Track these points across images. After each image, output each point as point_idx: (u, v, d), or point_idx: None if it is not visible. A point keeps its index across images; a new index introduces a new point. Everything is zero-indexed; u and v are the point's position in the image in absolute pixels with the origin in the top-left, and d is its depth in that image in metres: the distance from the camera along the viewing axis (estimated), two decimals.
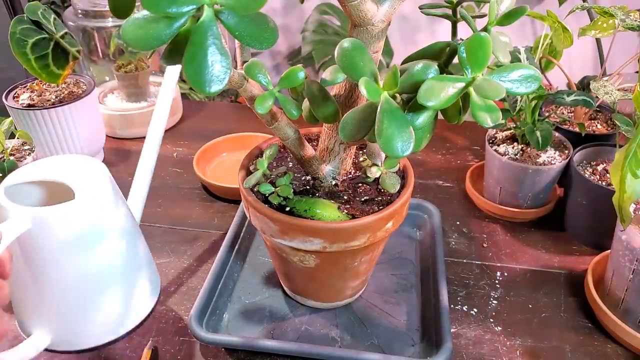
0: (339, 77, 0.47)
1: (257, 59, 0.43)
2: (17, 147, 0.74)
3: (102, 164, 0.48)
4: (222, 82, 0.31)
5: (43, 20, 0.73)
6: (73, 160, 0.47)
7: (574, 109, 0.81)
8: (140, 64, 0.94)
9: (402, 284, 0.63)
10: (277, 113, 0.47)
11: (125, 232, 0.48)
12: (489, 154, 0.72)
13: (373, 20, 0.41)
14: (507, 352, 0.55)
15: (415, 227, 0.71)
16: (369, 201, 0.52)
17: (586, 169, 0.69)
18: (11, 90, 0.80)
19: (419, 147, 0.40)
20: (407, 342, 0.56)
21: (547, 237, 0.71)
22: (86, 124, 0.80)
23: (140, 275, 0.50)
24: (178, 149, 0.91)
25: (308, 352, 0.53)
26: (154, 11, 0.29)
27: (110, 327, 0.48)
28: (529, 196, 0.71)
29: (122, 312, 0.48)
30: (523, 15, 0.38)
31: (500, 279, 0.65)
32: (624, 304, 0.55)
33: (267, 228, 0.49)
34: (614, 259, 0.56)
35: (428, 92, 0.35)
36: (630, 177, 0.50)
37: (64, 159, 0.47)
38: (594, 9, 0.73)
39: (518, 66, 0.36)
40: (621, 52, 0.88)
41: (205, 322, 0.56)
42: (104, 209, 0.45)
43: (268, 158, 0.53)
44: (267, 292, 0.62)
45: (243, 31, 0.32)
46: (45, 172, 0.45)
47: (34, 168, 0.45)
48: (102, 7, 0.91)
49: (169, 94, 0.57)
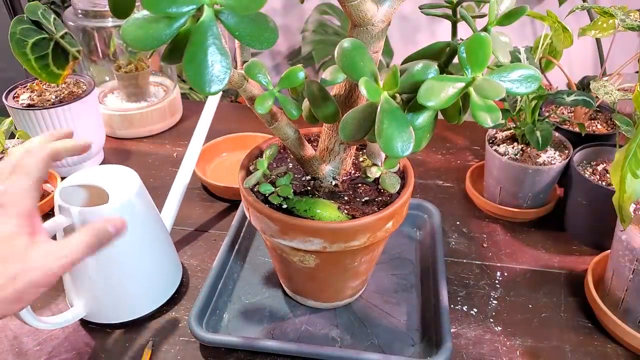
0: (339, 77, 0.47)
1: (257, 59, 0.43)
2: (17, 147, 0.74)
3: (134, 173, 0.57)
4: (222, 82, 0.31)
5: (43, 20, 0.73)
6: (112, 169, 0.57)
7: (574, 109, 0.81)
8: (140, 64, 0.94)
9: (402, 284, 0.63)
10: (277, 113, 0.47)
11: (150, 227, 0.58)
12: (489, 154, 0.72)
13: (373, 20, 0.41)
14: (507, 352, 0.55)
15: (415, 227, 0.71)
16: (369, 201, 0.52)
17: (586, 169, 0.69)
18: (11, 90, 0.80)
19: (419, 147, 0.40)
20: (407, 342, 0.56)
21: (547, 237, 0.71)
22: (86, 124, 0.80)
23: (163, 264, 0.60)
24: (178, 149, 0.91)
25: (308, 352, 0.53)
26: (154, 11, 0.29)
27: (135, 307, 0.58)
28: (529, 196, 0.71)
29: (146, 295, 0.58)
30: (523, 15, 0.38)
31: (500, 279, 0.65)
32: (624, 304, 0.55)
33: (267, 228, 0.49)
34: (614, 259, 0.56)
35: (428, 92, 0.35)
36: (630, 177, 0.50)
37: (106, 168, 0.58)
38: (594, 9, 0.73)
39: (518, 66, 0.36)
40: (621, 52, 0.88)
41: (205, 322, 0.56)
42: (133, 209, 0.54)
43: (268, 158, 0.53)
44: (267, 292, 0.62)
45: (243, 31, 0.32)
46: (89, 178, 0.55)
47: (82, 175, 0.56)
48: (102, 7, 0.91)
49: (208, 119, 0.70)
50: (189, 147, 0.69)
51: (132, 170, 0.57)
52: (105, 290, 0.55)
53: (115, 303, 0.56)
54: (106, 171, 0.57)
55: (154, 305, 0.59)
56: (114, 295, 0.56)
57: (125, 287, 0.56)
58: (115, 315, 0.57)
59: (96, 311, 0.56)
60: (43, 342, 0.56)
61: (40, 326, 0.50)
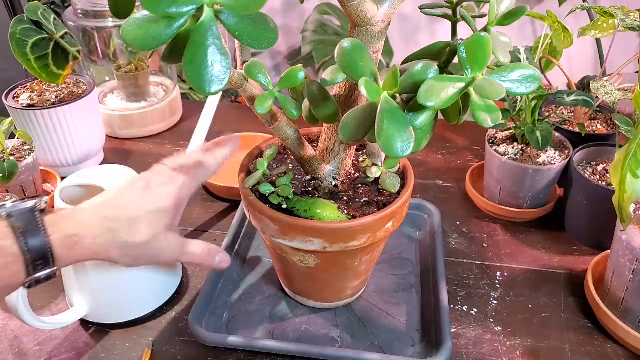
0: (339, 77, 0.47)
1: (257, 59, 0.43)
2: (17, 147, 0.74)
3: (134, 173, 0.57)
4: (222, 82, 0.31)
5: (43, 20, 0.73)
6: (112, 169, 0.58)
7: (574, 109, 0.81)
8: (140, 64, 0.94)
9: (402, 284, 0.63)
10: (277, 113, 0.47)
11: None
12: (489, 154, 0.72)
13: (373, 20, 0.41)
14: (507, 352, 0.55)
15: (415, 227, 0.71)
16: (369, 202, 0.52)
17: (586, 169, 0.69)
18: (11, 90, 0.80)
19: (419, 147, 0.40)
20: (407, 342, 0.56)
21: (547, 237, 0.71)
22: (86, 124, 0.80)
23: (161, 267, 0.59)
24: (178, 149, 0.91)
25: (308, 352, 0.53)
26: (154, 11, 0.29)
27: (135, 307, 0.58)
28: (529, 196, 0.71)
29: (146, 295, 0.58)
30: (523, 15, 0.38)
31: (500, 279, 0.65)
32: (624, 304, 0.55)
33: (267, 228, 0.49)
34: (614, 259, 0.56)
35: (428, 92, 0.35)
36: (630, 177, 0.50)
37: (106, 168, 0.58)
38: (594, 9, 0.73)
39: (518, 66, 0.36)
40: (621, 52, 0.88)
41: (205, 322, 0.56)
42: None
43: (268, 158, 0.53)
44: (267, 292, 0.62)
45: (243, 31, 0.32)
46: (89, 178, 0.56)
47: (82, 175, 0.56)
48: (102, 7, 0.91)
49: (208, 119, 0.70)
50: (189, 148, 0.69)
51: (132, 170, 0.57)
52: (105, 291, 0.55)
53: (115, 303, 0.56)
54: (106, 171, 0.57)
55: (154, 305, 0.59)
56: (114, 295, 0.56)
57: (125, 287, 0.56)
58: (115, 315, 0.57)
59: (96, 311, 0.56)
60: (43, 342, 0.56)
61: (40, 326, 0.50)
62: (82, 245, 0.42)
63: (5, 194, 0.66)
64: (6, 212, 0.40)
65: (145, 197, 0.45)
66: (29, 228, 0.40)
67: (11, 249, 0.39)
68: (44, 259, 0.40)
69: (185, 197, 0.48)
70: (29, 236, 0.39)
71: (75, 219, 0.43)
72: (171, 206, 0.46)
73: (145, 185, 0.46)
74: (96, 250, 0.43)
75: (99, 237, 0.43)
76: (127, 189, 0.46)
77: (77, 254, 0.42)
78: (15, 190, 0.71)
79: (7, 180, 0.67)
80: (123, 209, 0.44)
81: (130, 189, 0.46)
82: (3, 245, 0.39)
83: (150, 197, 0.45)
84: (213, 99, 0.71)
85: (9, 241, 0.39)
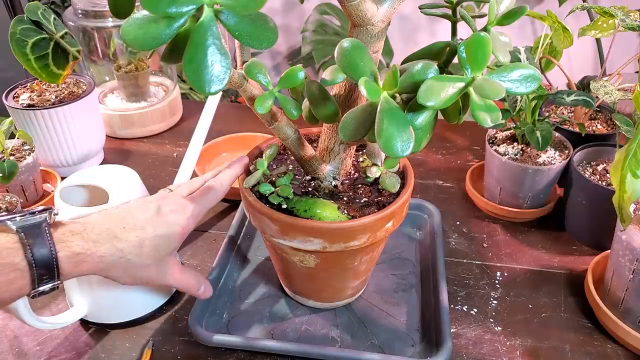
0: (339, 77, 0.47)
1: (257, 59, 0.43)
2: (17, 147, 0.74)
3: (134, 173, 0.57)
4: (222, 82, 0.31)
5: (43, 20, 0.73)
6: (112, 169, 0.58)
7: (574, 109, 0.81)
8: (140, 64, 0.94)
9: (402, 284, 0.63)
10: (277, 113, 0.47)
11: None
12: (489, 154, 0.72)
13: (373, 20, 0.41)
14: (507, 352, 0.55)
15: (415, 227, 0.71)
16: (369, 201, 0.52)
17: (586, 169, 0.69)
18: (11, 90, 0.80)
19: (419, 147, 0.40)
20: (407, 342, 0.56)
21: (547, 237, 0.71)
22: (86, 124, 0.80)
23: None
24: (178, 149, 0.91)
25: (308, 352, 0.53)
26: (154, 11, 0.29)
27: (135, 307, 0.58)
28: (529, 196, 0.71)
29: (146, 295, 0.58)
30: (523, 15, 0.38)
31: (500, 279, 0.65)
32: (624, 304, 0.55)
33: (267, 228, 0.49)
34: (614, 259, 0.56)
35: (428, 92, 0.35)
36: (630, 177, 0.50)
37: (106, 168, 0.58)
38: (594, 9, 0.73)
39: (518, 66, 0.36)
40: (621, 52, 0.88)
41: (205, 322, 0.56)
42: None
43: (268, 158, 0.53)
44: (267, 292, 0.62)
45: (243, 31, 0.32)
46: (89, 178, 0.55)
47: (82, 175, 0.56)
48: (102, 7, 0.91)
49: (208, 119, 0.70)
50: (189, 147, 0.69)
51: (132, 170, 0.57)
52: (105, 291, 0.55)
53: (115, 303, 0.56)
54: (106, 171, 0.57)
55: (154, 305, 0.59)
56: (114, 295, 0.56)
57: (125, 287, 0.56)
58: (115, 315, 0.57)
59: (96, 311, 0.56)
60: (43, 342, 0.56)
61: (40, 326, 0.50)
62: (88, 262, 0.43)
63: (5, 194, 0.66)
64: (16, 227, 0.41)
65: (155, 222, 0.47)
66: (39, 245, 0.41)
67: (20, 265, 0.40)
68: (50, 274, 0.41)
69: (192, 227, 0.50)
70: (37, 253, 0.41)
71: (84, 235, 0.44)
72: (178, 234, 0.48)
73: (157, 210, 0.48)
74: (101, 267, 0.44)
75: (106, 256, 0.44)
76: (138, 210, 0.48)
77: (82, 270, 0.44)
78: (15, 190, 0.71)
79: (7, 180, 0.67)
80: (133, 231, 0.46)
81: (143, 211, 0.47)
82: (13, 262, 0.40)
83: (160, 223, 0.47)
84: (213, 99, 0.71)
85: (19, 257, 0.40)
